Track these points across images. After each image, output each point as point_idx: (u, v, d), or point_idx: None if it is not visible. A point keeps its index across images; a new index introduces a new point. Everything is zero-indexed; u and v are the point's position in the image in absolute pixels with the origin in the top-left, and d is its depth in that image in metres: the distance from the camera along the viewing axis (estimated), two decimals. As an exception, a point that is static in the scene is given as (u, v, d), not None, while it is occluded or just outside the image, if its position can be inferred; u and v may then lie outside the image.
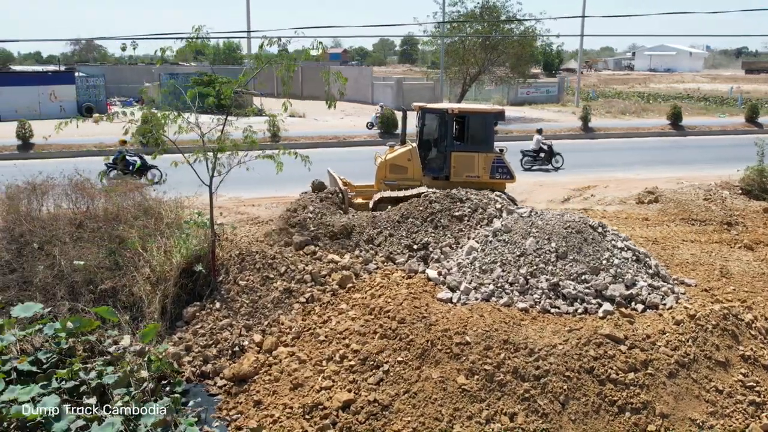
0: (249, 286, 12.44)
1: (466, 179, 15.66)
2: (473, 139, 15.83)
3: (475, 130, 15.85)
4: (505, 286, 10.88)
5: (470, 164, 15.72)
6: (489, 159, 15.76)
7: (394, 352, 9.79)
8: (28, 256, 13.55)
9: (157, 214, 14.25)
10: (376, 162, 16.79)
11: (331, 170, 16.55)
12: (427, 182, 15.84)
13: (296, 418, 9.52)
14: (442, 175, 15.88)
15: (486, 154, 15.77)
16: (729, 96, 59.69)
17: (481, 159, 15.72)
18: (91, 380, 9.75)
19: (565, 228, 11.49)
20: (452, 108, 15.99)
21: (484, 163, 15.72)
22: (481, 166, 15.70)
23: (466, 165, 15.71)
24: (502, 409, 8.82)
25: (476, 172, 15.69)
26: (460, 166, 15.68)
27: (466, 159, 15.72)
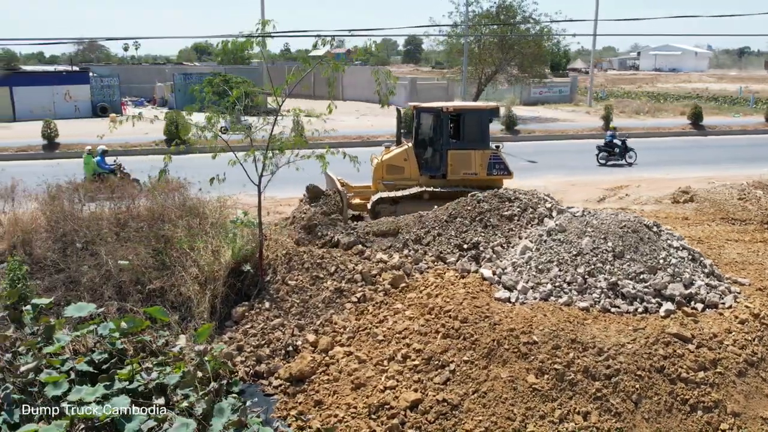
0: (299, 285, 12.42)
1: (463, 177, 15.77)
2: (469, 136, 15.87)
3: (471, 127, 15.90)
4: (563, 285, 10.86)
5: (467, 162, 15.79)
6: (486, 156, 15.84)
7: (459, 352, 9.77)
8: (73, 255, 13.54)
9: (201, 214, 14.23)
10: (372, 163, 16.80)
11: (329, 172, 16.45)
12: (424, 181, 15.91)
13: (362, 418, 9.50)
14: (439, 174, 15.92)
15: (482, 151, 15.83)
16: (739, 96, 59.67)
17: (477, 156, 15.79)
18: (153, 380, 9.75)
19: (620, 227, 11.47)
20: (447, 106, 16.09)
21: (480, 160, 15.78)
22: (478, 163, 15.77)
23: (463, 162, 15.77)
24: (574, 408, 8.80)
25: (473, 169, 15.77)
26: (457, 163, 15.74)
27: (463, 156, 15.79)
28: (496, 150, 16.01)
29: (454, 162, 15.75)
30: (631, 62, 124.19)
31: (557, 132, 31.54)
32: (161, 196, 14.37)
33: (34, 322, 11.24)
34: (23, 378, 9.56)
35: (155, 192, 14.35)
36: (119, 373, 9.79)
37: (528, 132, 30.91)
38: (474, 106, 16.47)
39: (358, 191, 16.71)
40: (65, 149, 25.22)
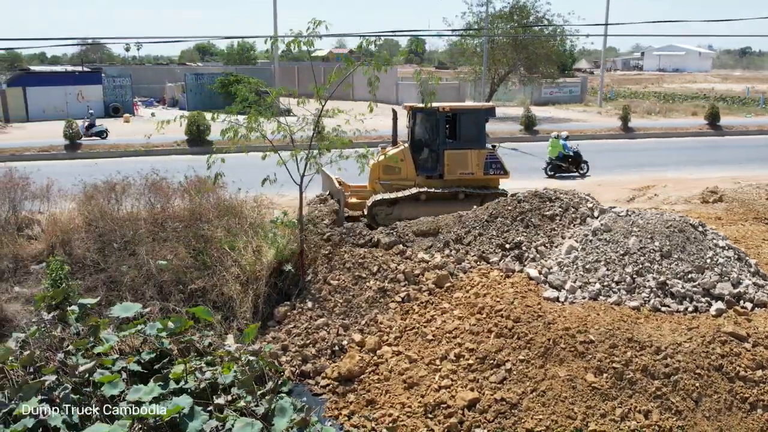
0: (341, 285, 12.43)
1: (460, 177, 15.78)
2: (465, 136, 15.89)
3: (467, 127, 15.91)
4: (611, 285, 10.89)
5: (464, 162, 15.81)
6: (482, 155, 15.86)
7: (514, 351, 9.79)
8: (111, 255, 13.55)
9: (239, 214, 14.25)
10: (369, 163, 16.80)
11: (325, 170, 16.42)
12: (420, 182, 15.92)
13: (417, 417, 9.52)
14: (435, 174, 15.95)
15: (479, 150, 15.87)
16: (747, 96, 59.69)
17: (474, 156, 15.81)
18: (207, 380, 9.76)
19: (667, 227, 11.50)
20: (443, 107, 16.07)
21: (477, 159, 15.80)
22: (474, 163, 15.79)
23: (460, 162, 15.79)
24: (635, 406, 8.82)
25: (470, 169, 15.79)
26: (454, 164, 15.76)
27: (459, 157, 15.80)
28: (493, 150, 16.06)
29: (450, 162, 15.76)
30: (635, 62, 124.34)
31: (576, 132, 31.54)
32: (200, 196, 14.36)
33: (82, 322, 11.28)
34: (79, 378, 9.59)
35: (193, 192, 14.35)
36: (173, 373, 9.81)
37: (547, 132, 30.91)
38: (470, 106, 16.48)
39: (355, 191, 16.73)
40: (87, 149, 25.22)
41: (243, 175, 11.89)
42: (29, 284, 13.25)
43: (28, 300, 12.75)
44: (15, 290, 12.93)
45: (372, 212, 15.05)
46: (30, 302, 12.65)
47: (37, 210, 14.85)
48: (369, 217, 15.27)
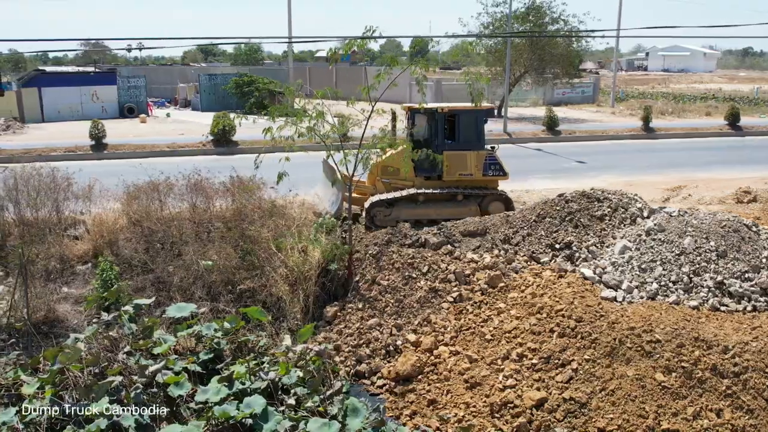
0: (391, 285, 12.46)
1: (459, 178, 15.74)
2: (464, 137, 15.84)
3: (466, 128, 15.84)
4: (668, 284, 10.92)
5: (462, 163, 15.73)
6: (481, 157, 15.80)
7: (579, 351, 9.83)
8: (156, 255, 13.58)
9: (285, 215, 14.28)
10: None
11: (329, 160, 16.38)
12: (419, 183, 15.89)
13: (484, 417, 9.55)
14: (434, 175, 15.94)
15: (478, 152, 15.84)
16: (755, 96, 59.73)
17: (473, 157, 15.73)
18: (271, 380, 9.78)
19: (721, 227, 11.54)
20: (442, 107, 16.03)
21: (476, 160, 15.73)
22: (473, 164, 15.72)
23: (459, 164, 15.71)
24: (706, 405, 8.86)
25: (469, 170, 15.72)
26: (453, 165, 15.68)
27: (458, 158, 15.72)
28: (492, 151, 16.04)
29: (449, 163, 15.68)
30: (639, 63, 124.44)
31: (598, 132, 31.56)
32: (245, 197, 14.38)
33: (140, 323, 11.31)
34: (146, 378, 9.62)
35: (238, 192, 14.37)
36: (236, 373, 9.85)
37: (569, 132, 30.92)
38: (469, 106, 16.47)
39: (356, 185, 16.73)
40: (113, 149, 25.25)
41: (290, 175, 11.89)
42: (76, 285, 13.28)
43: (77, 300, 12.79)
44: (63, 291, 12.96)
45: (371, 213, 15.07)
46: (79, 303, 12.69)
47: (79, 210, 14.86)
48: (367, 219, 15.29)
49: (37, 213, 14.09)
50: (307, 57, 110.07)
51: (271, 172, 11.98)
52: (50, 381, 9.46)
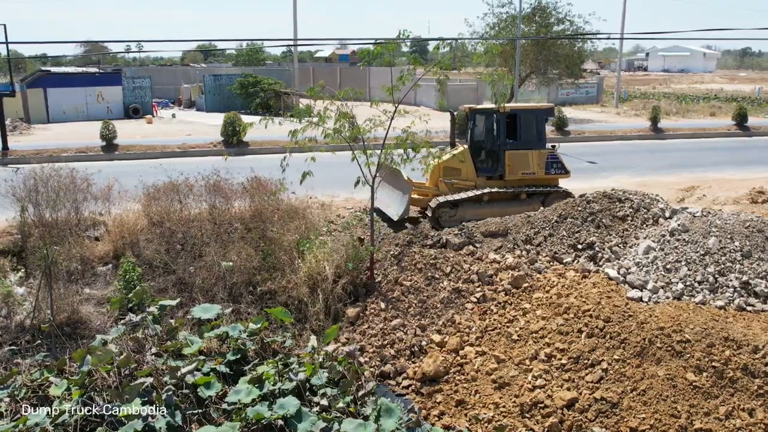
0: (414, 286, 12.49)
1: (521, 177, 15.84)
2: (526, 136, 15.95)
3: (528, 127, 15.97)
4: (694, 284, 10.95)
5: (525, 162, 15.85)
6: (543, 155, 15.94)
7: (608, 351, 9.85)
8: (176, 256, 13.59)
9: (303, 216, 14.29)
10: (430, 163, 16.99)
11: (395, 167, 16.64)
12: (481, 182, 15.98)
13: (514, 417, 9.57)
14: (496, 175, 16.03)
15: (539, 150, 15.94)
16: (757, 96, 59.86)
17: (535, 156, 15.87)
18: (301, 381, 9.80)
19: (745, 227, 11.58)
20: (504, 107, 16.11)
21: (538, 159, 15.86)
22: (535, 163, 15.84)
23: (521, 163, 15.84)
24: (738, 405, 8.89)
25: (531, 169, 15.85)
26: (515, 164, 15.81)
27: (521, 157, 15.85)
28: (553, 149, 16.13)
29: (511, 162, 15.82)
30: (639, 63, 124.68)
31: (607, 132, 31.62)
32: (261, 197, 14.40)
33: (164, 324, 11.33)
34: (177, 380, 9.63)
35: (259, 193, 14.39)
36: (266, 374, 9.86)
37: (578, 133, 30.96)
38: (530, 106, 16.58)
39: (416, 187, 16.86)
40: (124, 150, 25.24)
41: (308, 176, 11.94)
42: (98, 286, 13.28)
43: (99, 302, 12.79)
44: (86, 292, 12.96)
45: (436, 214, 15.11)
46: (101, 304, 12.70)
47: (98, 212, 14.86)
48: (433, 220, 15.33)
49: (56, 214, 14.09)
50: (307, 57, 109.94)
51: (290, 173, 12.00)
52: (80, 382, 9.48)
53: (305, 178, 11.52)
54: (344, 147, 12.61)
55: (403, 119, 12.53)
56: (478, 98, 43.52)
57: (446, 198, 15.35)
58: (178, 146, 25.75)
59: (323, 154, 12.18)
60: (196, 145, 25.99)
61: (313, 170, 11.71)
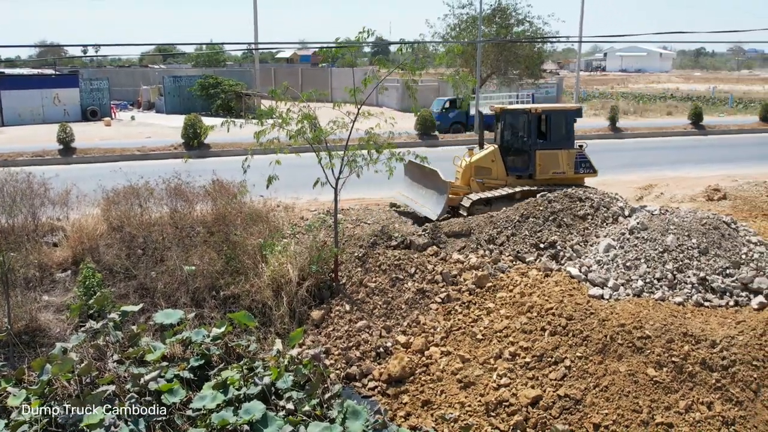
0: (378, 287, 12.50)
1: (552, 176, 16.09)
2: (556, 136, 16.24)
3: (558, 127, 16.27)
4: (653, 281, 11.17)
5: (555, 161, 16.14)
6: (572, 155, 16.24)
7: (571, 348, 9.99)
8: (137, 261, 13.40)
9: (266, 219, 14.19)
10: (457, 163, 17.13)
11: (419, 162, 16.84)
12: (511, 181, 16.18)
13: (479, 416, 9.65)
14: (526, 174, 16.26)
15: (569, 150, 16.23)
16: (712, 95, 61.32)
17: (564, 155, 16.16)
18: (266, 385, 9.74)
19: (702, 224, 11.84)
20: (535, 108, 16.43)
21: (567, 159, 16.16)
22: (565, 162, 16.13)
23: (552, 162, 16.12)
24: (697, 398, 9.10)
25: (561, 168, 16.13)
26: (546, 163, 16.08)
27: (551, 156, 16.13)
28: (581, 149, 16.49)
29: (542, 162, 16.13)
30: (597, 63, 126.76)
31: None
32: (223, 200, 14.26)
33: (126, 330, 11.15)
34: (140, 387, 9.50)
35: (217, 196, 14.25)
36: (231, 379, 9.80)
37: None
38: (560, 107, 17.01)
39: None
40: (82, 154, 24.79)
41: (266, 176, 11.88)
42: (57, 293, 13.01)
43: (59, 309, 12.53)
44: (44, 299, 12.70)
45: (470, 212, 15.23)
46: (60, 311, 12.44)
47: (56, 217, 14.56)
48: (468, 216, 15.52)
49: (13, 220, 13.77)
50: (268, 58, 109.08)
51: (252, 175, 11.93)
52: (39, 392, 9.29)
53: (271, 182, 11.44)
54: (307, 149, 12.56)
55: (368, 121, 12.53)
56: (440, 98, 43.73)
57: (480, 195, 15.48)
58: (137, 149, 25.39)
59: (287, 156, 12.11)
60: (157, 147, 25.66)
61: (277, 172, 11.65)
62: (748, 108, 47.98)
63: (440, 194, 15.28)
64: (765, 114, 35.28)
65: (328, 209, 16.28)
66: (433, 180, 15.56)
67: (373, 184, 15.83)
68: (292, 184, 16.26)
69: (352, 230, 14.28)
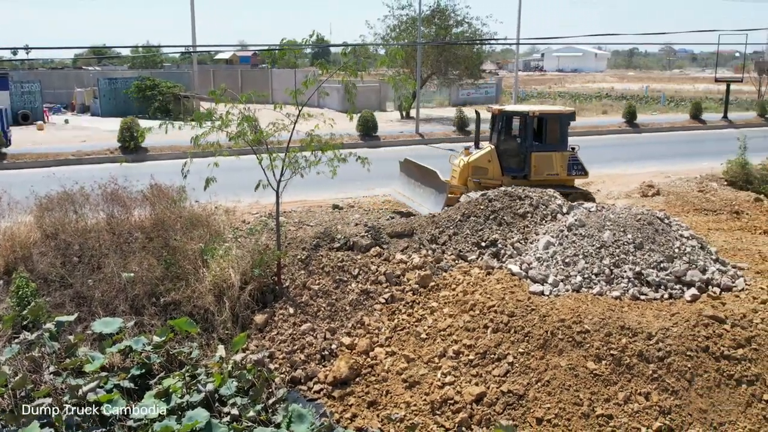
0: (322, 289, 12.46)
1: (546, 177, 16.61)
2: (551, 139, 16.74)
3: (553, 130, 16.85)
4: (591, 276, 11.44)
5: (549, 163, 16.71)
6: (565, 157, 16.86)
7: (513, 345, 10.15)
8: (73, 269, 13.04)
9: (207, 223, 13.98)
10: (453, 162, 17.95)
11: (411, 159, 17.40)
12: (507, 182, 16.65)
13: (425, 415, 9.71)
14: (521, 175, 16.71)
15: (562, 152, 16.71)
16: (645, 94, 63.17)
17: (558, 157, 16.73)
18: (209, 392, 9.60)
19: (637, 220, 12.18)
20: (533, 110, 17.09)
21: (561, 161, 16.75)
22: (559, 164, 16.69)
23: (546, 164, 16.70)
24: (635, 390, 9.35)
25: (555, 170, 16.65)
26: (540, 165, 16.66)
27: (545, 158, 16.71)
28: (573, 152, 16.89)
29: (537, 163, 16.66)
30: (535, 63, 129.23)
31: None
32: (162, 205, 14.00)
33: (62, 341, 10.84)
34: (78, 399, 9.25)
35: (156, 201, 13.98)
36: (173, 387, 9.64)
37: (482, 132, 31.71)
38: (556, 110, 17.58)
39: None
40: (13, 159, 23.98)
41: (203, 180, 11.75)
42: (-13, 304, 12.56)
43: (-10, 321, 12.09)
44: (-26, 311, 12.23)
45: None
46: (-7, 323, 12.01)
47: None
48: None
49: (-60, 229, 13.23)
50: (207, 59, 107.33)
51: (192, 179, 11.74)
52: (-30, 408, 8.96)
53: (209, 185, 11.29)
54: (248, 151, 12.44)
55: (308, 123, 12.46)
56: (380, 100, 43.89)
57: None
58: (72, 153, 24.72)
59: (227, 159, 11.96)
60: (92, 152, 25.04)
61: (217, 175, 11.49)
62: (679, 106, 49.64)
63: (439, 193, 15.58)
64: (695, 112, 36.59)
65: (270, 212, 16.16)
66: (432, 179, 15.91)
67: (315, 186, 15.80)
68: (234, 186, 16.10)
69: (294, 233, 14.22)
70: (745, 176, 19.94)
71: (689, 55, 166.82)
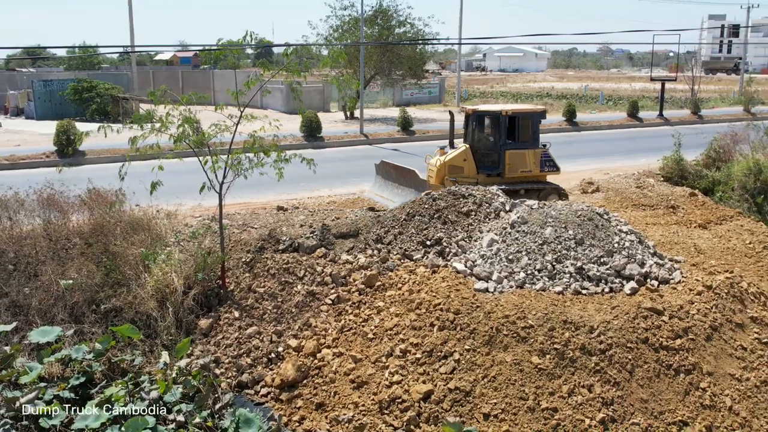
0: (268, 292, 12.35)
1: (520, 174, 17.05)
2: (523, 137, 17.13)
3: (525, 128, 17.31)
4: (534, 273, 11.62)
5: (523, 160, 17.19)
6: (538, 154, 17.38)
7: (459, 342, 10.23)
8: (8, 278, 12.63)
9: (148, 227, 13.70)
10: (429, 161, 18.40)
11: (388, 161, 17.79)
12: (482, 179, 17.05)
13: (373, 415, 9.71)
14: (495, 173, 17.03)
15: (534, 150, 17.09)
16: (584, 93, 64.62)
17: (531, 155, 17.17)
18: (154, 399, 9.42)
19: (577, 216, 12.44)
20: (506, 110, 17.48)
21: (534, 158, 17.28)
22: (531, 161, 17.12)
23: (520, 161, 17.19)
24: (578, 382, 9.54)
25: (528, 167, 17.06)
26: (514, 162, 17.15)
27: (519, 156, 17.15)
28: (545, 148, 17.26)
29: (511, 161, 17.18)
30: (477, 63, 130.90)
31: (457, 132, 32.93)
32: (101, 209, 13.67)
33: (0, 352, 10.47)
34: (15, 411, 8.96)
35: (95, 205, 13.64)
36: (115, 396, 9.42)
37: (423, 132, 31.95)
38: (528, 109, 18.15)
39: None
40: (-59, 166, 23.06)
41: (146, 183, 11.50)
42: None
43: None
44: None
45: None
46: None
47: None
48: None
49: None
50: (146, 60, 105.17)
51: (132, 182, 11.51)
52: None
53: (155, 189, 11.06)
54: (190, 153, 12.23)
55: (251, 124, 12.33)
56: (324, 100, 43.75)
57: None
58: (5, 158, 23.93)
59: (168, 162, 11.74)
60: (27, 156, 24.28)
61: (159, 178, 11.27)
62: (617, 105, 51.02)
63: (419, 191, 15.66)
64: (632, 110, 37.60)
65: (213, 215, 15.89)
66: (411, 178, 16.09)
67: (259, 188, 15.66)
68: (176, 189, 15.83)
69: (238, 235, 14.05)
70: (681, 172, 20.63)
71: (625, 55, 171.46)
